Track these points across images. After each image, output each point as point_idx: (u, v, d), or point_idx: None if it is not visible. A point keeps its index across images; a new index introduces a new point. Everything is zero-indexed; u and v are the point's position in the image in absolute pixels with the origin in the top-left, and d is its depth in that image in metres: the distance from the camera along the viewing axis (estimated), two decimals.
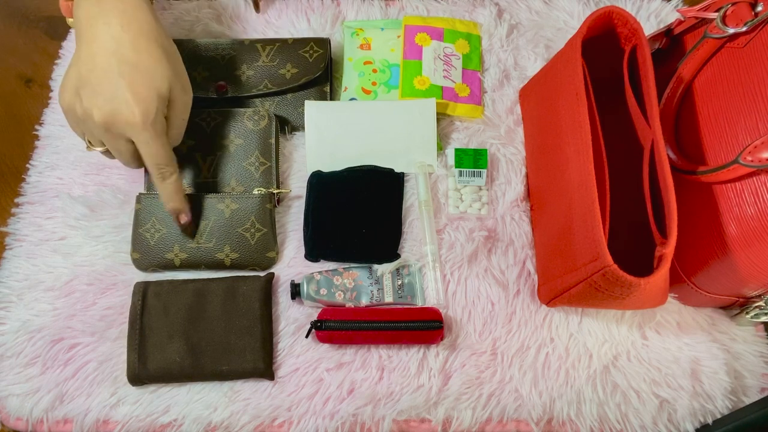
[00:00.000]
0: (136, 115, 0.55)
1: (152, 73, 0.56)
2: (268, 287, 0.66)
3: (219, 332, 0.63)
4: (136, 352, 0.62)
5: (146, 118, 0.55)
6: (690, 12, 0.61)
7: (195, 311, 0.63)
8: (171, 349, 0.62)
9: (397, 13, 0.81)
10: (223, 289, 0.64)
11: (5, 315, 0.66)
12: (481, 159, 0.71)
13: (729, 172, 0.54)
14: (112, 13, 0.55)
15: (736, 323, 0.66)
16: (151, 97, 0.55)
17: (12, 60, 0.90)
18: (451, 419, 0.62)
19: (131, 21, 0.56)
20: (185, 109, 0.61)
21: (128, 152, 0.59)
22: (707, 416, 0.62)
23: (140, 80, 0.55)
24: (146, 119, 0.55)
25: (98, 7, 0.56)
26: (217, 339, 0.62)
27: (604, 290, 0.54)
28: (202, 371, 0.62)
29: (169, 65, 0.57)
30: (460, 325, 0.66)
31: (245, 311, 0.64)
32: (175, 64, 0.59)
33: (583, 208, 0.54)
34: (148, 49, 0.56)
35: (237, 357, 0.62)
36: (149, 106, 0.55)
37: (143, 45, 0.56)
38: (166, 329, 0.62)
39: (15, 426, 0.62)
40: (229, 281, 0.65)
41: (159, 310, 0.63)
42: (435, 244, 0.68)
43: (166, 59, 0.57)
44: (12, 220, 0.71)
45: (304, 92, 0.74)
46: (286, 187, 0.71)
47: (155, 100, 0.56)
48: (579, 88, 0.57)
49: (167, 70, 0.57)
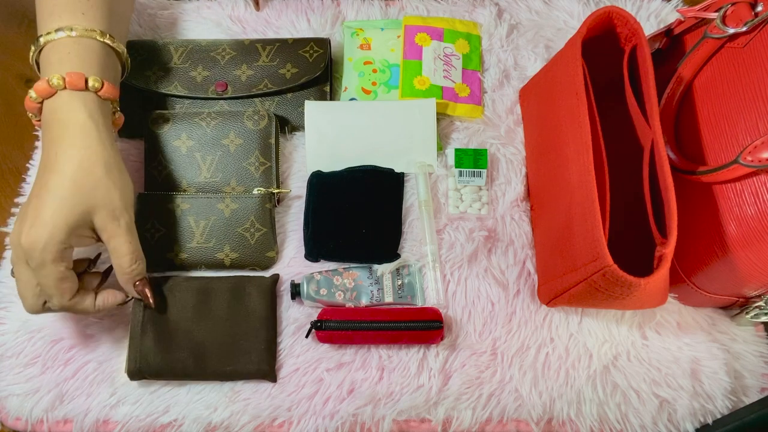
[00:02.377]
0: (31, 236, 0.53)
1: (63, 203, 0.54)
2: (273, 288, 0.65)
3: (224, 332, 0.62)
4: (139, 347, 0.61)
5: (36, 242, 0.53)
6: (690, 12, 0.61)
7: (200, 309, 0.63)
8: (175, 347, 0.61)
9: (397, 13, 0.81)
10: (229, 289, 0.64)
11: (5, 315, 0.66)
12: (481, 159, 0.71)
13: (729, 172, 0.54)
14: (57, 139, 0.56)
15: (736, 323, 0.66)
16: (50, 223, 0.53)
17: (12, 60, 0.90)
18: (451, 419, 0.62)
19: (69, 148, 0.55)
20: (124, 234, 0.57)
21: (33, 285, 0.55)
22: (707, 416, 0.62)
23: (49, 205, 0.54)
24: (36, 243, 0.53)
25: (49, 134, 0.57)
26: (221, 339, 0.62)
27: (604, 290, 0.54)
28: (205, 371, 0.61)
29: (96, 194, 0.55)
30: (460, 325, 0.66)
31: (251, 312, 0.63)
32: (108, 193, 0.56)
33: (583, 208, 0.54)
34: (73, 179, 0.54)
35: (242, 358, 0.62)
36: (43, 233, 0.53)
37: (69, 174, 0.54)
38: (171, 325, 0.62)
39: (15, 426, 0.62)
40: (235, 281, 0.65)
41: (163, 305, 0.63)
42: (435, 244, 0.68)
43: (92, 189, 0.55)
44: (12, 220, 0.70)
45: (304, 92, 0.74)
46: (286, 187, 0.71)
47: (54, 227, 0.53)
48: (579, 88, 0.57)
49: (86, 200, 0.55)
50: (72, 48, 0.58)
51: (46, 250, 0.53)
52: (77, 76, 0.57)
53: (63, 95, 0.57)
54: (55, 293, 0.55)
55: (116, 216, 0.56)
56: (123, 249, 0.57)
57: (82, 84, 0.57)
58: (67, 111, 0.57)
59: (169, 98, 0.73)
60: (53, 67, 0.57)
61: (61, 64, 0.57)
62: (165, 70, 0.73)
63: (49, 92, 0.57)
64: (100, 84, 0.58)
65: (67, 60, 0.58)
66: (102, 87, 0.58)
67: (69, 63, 0.58)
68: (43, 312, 0.57)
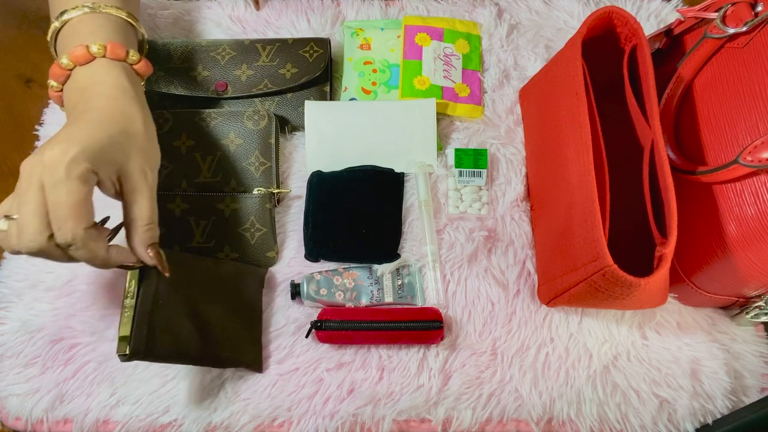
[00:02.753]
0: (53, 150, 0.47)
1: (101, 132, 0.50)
2: (263, 281, 0.66)
3: (226, 317, 0.61)
4: (146, 324, 0.54)
5: (63, 155, 0.47)
6: (690, 12, 0.61)
7: (206, 291, 0.61)
8: (181, 326, 0.57)
9: (397, 13, 0.81)
10: (233, 274, 0.64)
11: (5, 315, 0.66)
12: (481, 159, 0.71)
13: (729, 172, 0.54)
14: (93, 98, 0.54)
15: (736, 323, 0.66)
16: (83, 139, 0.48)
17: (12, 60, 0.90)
18: (451, 419, 0.62)
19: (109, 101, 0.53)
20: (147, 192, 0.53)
21: None
22: (707, 416, 0.62)
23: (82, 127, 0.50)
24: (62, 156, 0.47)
25: (82, 96, 0.54)
26: (222, 324, 0.61)
27: (604, 290, 0.54)
28: (207, 354, 0.59)
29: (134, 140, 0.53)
30: (460, 325, 0.66)
31: (248, 301, 0.64)
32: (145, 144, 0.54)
33: (583, 208, 0.54)
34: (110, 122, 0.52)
35: (238, 346, 0.62)
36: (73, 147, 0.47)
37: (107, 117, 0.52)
38: (181, 307, 0.58)
39: (15, 426, 0.62)
40: (237, 267, 0.65)
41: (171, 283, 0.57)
42: (435, 244, 0.68)
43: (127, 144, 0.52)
44: None
45: (304, 92, 0.74)
46: (286, 187, 0.71)
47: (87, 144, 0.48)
48: (579, 88, 0.57)
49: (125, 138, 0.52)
50: (104, 21, 0.57)
51: (74, 163, 0.47)
52: (118, 45, 0.55)
53: (101, 62, 0.55)
54: (71, 216, 0.47)
55: (145, 171, 0.53)
56: (144, 204, 0.52)
57: (123, 54, 0.56)
58: (106, 75, 0.55)
59: (169, 98, 0.73)
60: (86, 38, 0.55)
61: (94, 34, 0.55)
62: (165, 70, 0.73)
63: (86, 58, 0.54)
64: (138, 58, 0.57)
65: (100, 32, 0.56)
66: (139, 61, 0.57)
67: (104, 33, 0.56)
68: (44, 248, 0.48)
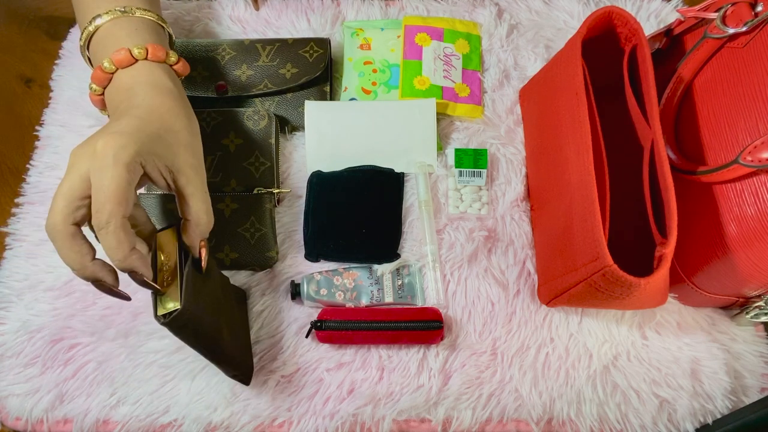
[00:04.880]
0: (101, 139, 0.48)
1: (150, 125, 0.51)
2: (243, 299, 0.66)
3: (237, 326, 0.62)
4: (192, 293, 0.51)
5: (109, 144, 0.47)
6: (690, 12, 0.61)
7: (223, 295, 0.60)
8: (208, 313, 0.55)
9: (397, 13, 0.81)
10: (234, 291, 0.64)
11: (5, 315, 0.66)
12: (481, 159, 0.71)
13: (729, 172, 0.54)
14: (140, 95, 0.54)
15: (736, 323, 0.66)
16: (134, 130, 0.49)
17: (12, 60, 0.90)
18: (451, 419, 0.62)
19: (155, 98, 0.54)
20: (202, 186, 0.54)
21: None
22: (707, 416, 0.62)
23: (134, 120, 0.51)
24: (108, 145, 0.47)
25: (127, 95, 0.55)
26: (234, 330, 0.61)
27: (604, 290, 0.54)
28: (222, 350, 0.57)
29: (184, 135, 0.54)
30: (460, 325, 0.66)
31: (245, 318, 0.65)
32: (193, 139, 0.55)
33: (583, 208, 0.54)
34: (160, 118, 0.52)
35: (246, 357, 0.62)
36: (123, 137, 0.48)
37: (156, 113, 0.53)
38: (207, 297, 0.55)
39: (15, 426, 0.62)
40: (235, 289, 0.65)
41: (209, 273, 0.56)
42: (435, 244, 0.68)
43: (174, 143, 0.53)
44: (12, 220, 0.71)
45: (304, 92, 0.74)
46: (286, 187, 0.71)
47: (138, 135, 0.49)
48: (579, 88, 0.57)
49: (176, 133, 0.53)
50: (138, 24, 0.57)
51: (123, 150, 0.47)
52: (158, 47, 0.56)
53: (144, 64, 0.55)
54: (111, 199, 0.46)
55: (195, 165, 0.54)
56: (199, 197, 0.53)
57: (163, 56, 0.56)
58: (149, 75, 0.55)
59: None
60: (124, 41, 0.56)
61: (132, 37, 0.56)
62: None
63: (129, 61, 0.55)
64: (176, 59, 0.58)
65: (137, 34, 0.57)
66: (178, 61, 0.58)
67: (141, 36, 0.57)
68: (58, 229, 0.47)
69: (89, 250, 0.50)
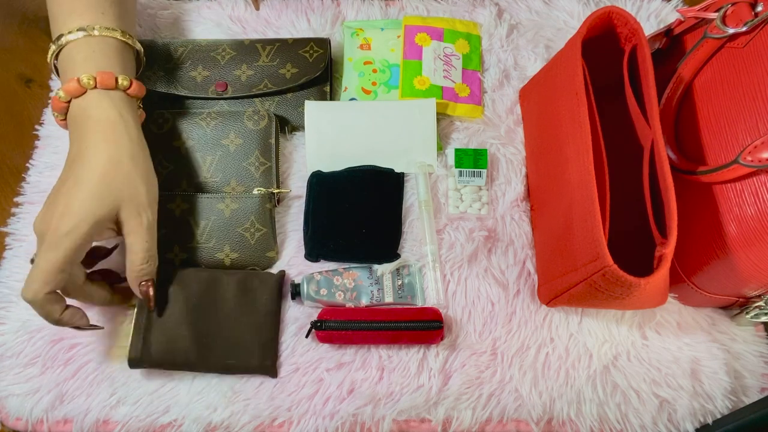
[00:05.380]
0: (52, 223, 0.53)
1: (93, 193, 0.54)
2: (280, 284, 0.66)
3: (228, 325, 0.62)
4: (141, 335, 0.61)
5: (57, 229, 0.53)
6: (690, 12, 0.61)
7: (205, 301, 0.63)
8: (178, 336, 0.61)
9: (397, 13, 0.81)
10: (236, 282, 0.64)
11: (5, 315, 0.66)
12: (481, 159, 0.71)
13: (729, 172, 0.54)
14: (86, 135, 0.56)
15: (736, 323, 0.66)
16: (77, 212, 0.54)
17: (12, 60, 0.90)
18: (451, 419, 0.62)
19: (99, 142, 0.56)
20: (143, 233, 0.57)
21: None
22: (707, 416, 0.62)
23: (78, 196, 0.54)
24: (56, 230, 0.53)
25: (78, 130, 0.57)
26: (225, 332, 0.62)
27: (604, 290, 0.54)
28: (207, 362, 0.61)
29: (124, 189, 0.56)
30: (460, 325, 0.66)
31: (256, 307, 0.64)
32: (134, 188, 0.57)
33: (583, 208, 0.54)
34: (103, 171, 0.55)
35: (244, 352, 0.62)
36: (70, 221, 0.53)
37: (99, 167, 0.55)
38: (175, 315, 0.62)
39: (15, 426, 0.62)
40: (242, 275, 0.65)
41: (169, 294, 0.62)
42: (435, 244, 0.68)
43: (122, 183, 0.56)
44: (12, 220, 0.71)
45: (304, 92, 0.74)
46: (286, 187, 0.71)
47: (81, 217, 0.54)
48: (579, 88, 0.57)
49: (115, 194, 0.55)
50: (96, 47, 0.58)
51: (68, 237, 0.53)
52: (107, 75, 0.57)
53: (93, 94, 0.57)
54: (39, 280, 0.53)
55: (140, 212, 0.57)
56: (138, 246, 0.57)
57: (113, 82, 0.58)
58: (97, 108, 0.57)
59: (169, 98, 0.73)
60: (79, 66, 0.57)
61: (86, 62, 0.58)
62: (165, 70, 0.73)
63: (79, 91, 0.57)
64: (129, 82, 0.59)
65: (92, 59, 0.58)
66: (131, 85, 0.59)
67: (95, 62, 0.58)
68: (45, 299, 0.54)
69: (62, 306, 0.56)
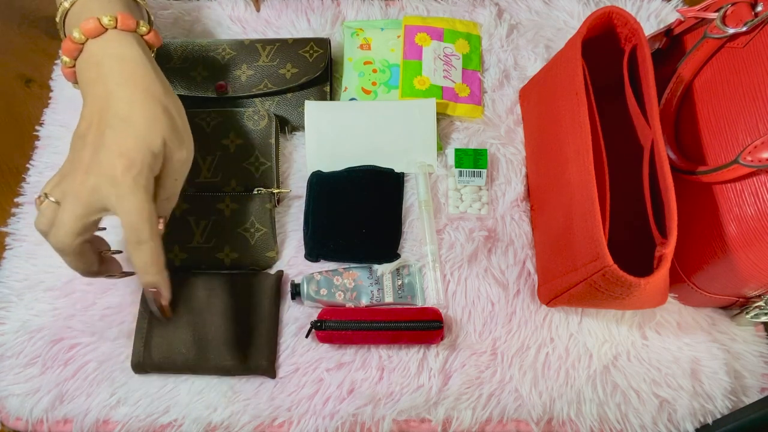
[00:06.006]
0: (116, 166, 0.50)
1: (144, 126, 0.52)
2: (278, 285, 0.66)
3: (227, 327, 0.63)
4: (143, 340, 0.62)
5: (127, 170, 0.50)
6: (690, 12, 0.61)
7: (203, 304, 0.63)
8: (177, 340, 0.62)
9: (397, 13, 0.81)
10: (233, 284, 0.64)
11: (5, 315, 0.66)
12: (481, 159, 0.71)
13: (729, 172, 0.54)
14: (109, 74, 0.54)
15: (736, 323, 0.66)
16: (138, 148, 0.51)
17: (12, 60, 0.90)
18: (451, 419, 0.62)
19: (128, 79, 0.54)
20: (180, 169, 0.56)
21: None
22: (707, 416, 0.62)
23: (129, 133, 0.51)
24: (127, 171, 0.50)
25: (97, 71, 0.54)
26: (223, 334, 0.62)
27: (604, 290, 0.54)
28: (206, 364, 0.62)
29: (166, 120, 0.54)
30: (460, 325, 0.66)
31: (254, 308, 0.64)
32: (174, 121, 0.55)
33: (583, 208, 0.54)
34: (143, 104, 0.53)
35: (242, 353, 0.62)
36: (134, 158, 0.51)
37: (138, 100, 0.53)
38: (176, 320, 0.62)
39: (15, 426, 0.62)
40: (240, 277, 0.65)
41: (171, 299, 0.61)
42: (435, 244, 0.68)
43: (163, 114, 0.54)
44: (12, 220, 0.71)
45: (304, 92, 0.74)
46: (286, 187, 0.71)
47: (142, 152, 0.51)
48: (579, 88, 0.57)
49: (162, 125, 0.53)
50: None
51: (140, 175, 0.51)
52: (128, 17, 0.55)
53: (113, 33, 0.55)
54: (146, 221, 0.51)
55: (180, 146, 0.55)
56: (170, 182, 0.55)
57: (133, 25, 0.56)
58: (120, 47, 0.55)
59: None
60: (95, 12, 0.55)
61: (103, 8, 0.55)
62: (165, 70, 0.72)
63: (98, 31, 0.54)
64: (148, 29, 0.57)
65: (109, 5, 0.56)
66: (149, 32, 0.57)
67: (112, 7, 0.56)
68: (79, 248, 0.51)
69: (96, 258, 0.54)
